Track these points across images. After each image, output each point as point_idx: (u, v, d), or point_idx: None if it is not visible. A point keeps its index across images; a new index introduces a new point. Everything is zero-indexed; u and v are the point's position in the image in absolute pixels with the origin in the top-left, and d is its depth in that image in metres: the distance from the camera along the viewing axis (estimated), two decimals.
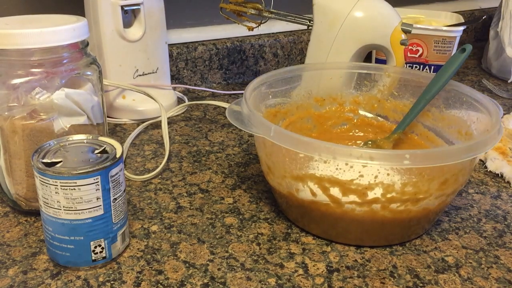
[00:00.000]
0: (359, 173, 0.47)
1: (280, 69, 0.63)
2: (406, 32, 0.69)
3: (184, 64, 0.93)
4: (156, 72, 0.83)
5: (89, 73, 0.55)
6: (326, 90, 0.67)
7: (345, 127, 0.68)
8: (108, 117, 0.79)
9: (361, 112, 0.68)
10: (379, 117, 0.67)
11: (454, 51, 0.88)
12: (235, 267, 0.48)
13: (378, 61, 0.92)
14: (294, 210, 0.54)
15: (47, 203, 0.45)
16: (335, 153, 0.45)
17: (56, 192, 0.44)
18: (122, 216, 0.48)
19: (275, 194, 0.56)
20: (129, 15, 0.78)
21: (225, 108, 0.83)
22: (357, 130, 0.68)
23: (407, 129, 0.64)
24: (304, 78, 0.66)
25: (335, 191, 0.48)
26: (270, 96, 0.62)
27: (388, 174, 0.47)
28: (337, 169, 0.48)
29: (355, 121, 0.68)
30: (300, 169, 0.50)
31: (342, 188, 0.48)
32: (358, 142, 0.67)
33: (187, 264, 0.48)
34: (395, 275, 0.48)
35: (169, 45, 0.88)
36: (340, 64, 0.69)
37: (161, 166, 0.64)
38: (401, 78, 0.65)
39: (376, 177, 0.47)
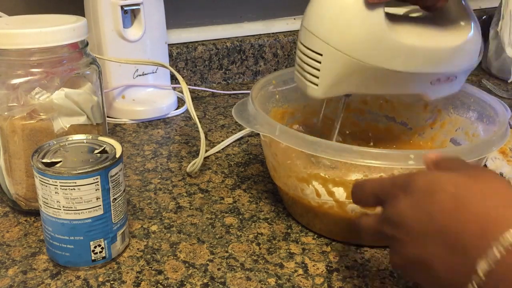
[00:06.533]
0: (363, 173, 0.47)
1: (288, 69, 0.63)
2: None
3: (184, 64, 0.93)
4: (156, 72, 0.83)
5: (88, 73, 0.55)
6: None
7: (354, 130, 0.68)
8: (108, 117, 0.79)
9: (369, 112, 0.67)
10: (387, 117, 0.67)
11: None
12: (234, 267, 0.48)
13: None
14: (298, 207, 0.54)
15: (47, 203, 0.45)
16: (340, 152, 0.45)
17: (55, 192, 0.44)
18: (122, 216, 0.48)
19: (280, 192, 0.56)
20: (129, 15, 0.78)
21: (225, 108, 0.83)
22: (364, 134, 0.68)
23: (413, 131, 0.63)
24: None
25: (339, 191, 0.48)
26: (277, 96, 0.62)
27: (393, 175, 0.47)
28: (341, 168, 0.47)
29: (363, 126, 0.67)
30: (305, 168, 0.49)
31: (347, 188, 0.48)
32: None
33: (186, 264, 0.48)
34: (395, 275, 0.48)
35: (169, 45, 0.88)
36: None
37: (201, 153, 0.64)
38: None
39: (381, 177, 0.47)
